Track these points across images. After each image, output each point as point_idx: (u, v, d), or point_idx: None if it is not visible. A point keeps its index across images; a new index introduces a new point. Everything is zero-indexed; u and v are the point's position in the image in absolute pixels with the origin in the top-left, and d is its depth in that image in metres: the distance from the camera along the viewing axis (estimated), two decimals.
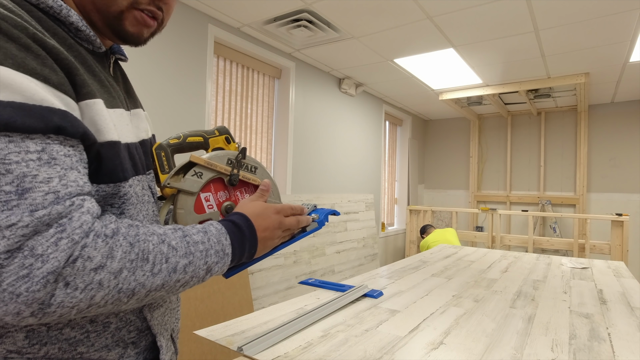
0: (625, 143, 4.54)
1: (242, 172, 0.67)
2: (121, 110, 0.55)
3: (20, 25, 0.40)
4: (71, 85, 0.44)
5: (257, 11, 2.50)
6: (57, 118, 0.40)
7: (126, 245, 0.42)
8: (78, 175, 0.42)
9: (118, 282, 0.41)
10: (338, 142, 3.93)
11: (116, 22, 0.53)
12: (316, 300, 1.24)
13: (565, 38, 2.79)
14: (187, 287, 0.50)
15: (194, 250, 0.49)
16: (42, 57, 0.41)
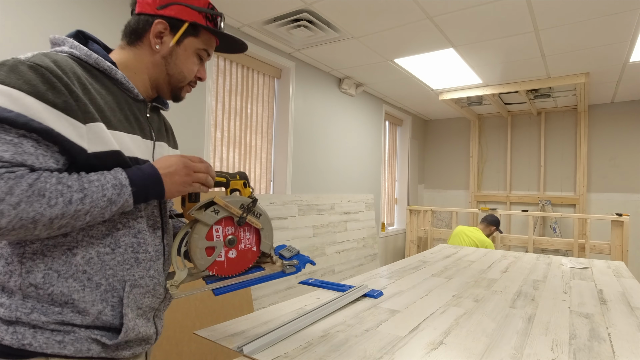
0: (625, 143, 4.54)
1: (249, 216, 0.85)
2: (137, 136, 0.75)
3: (56, 73, 0.62)
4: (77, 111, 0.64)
5: (257, 11, 2.50)
6: (35, 125, 0.59)
7: (25, 185, 0.56)
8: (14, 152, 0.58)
9: (18, 212, 0.55)
10: (338, 142, 3.93)
11: (178, 92, 0.85)
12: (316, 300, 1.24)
13: (565, 38, 2.79)
14: (95, 216, 0.64)
15: (87, 186, 0.62)
16: (61, 92, 0.62)
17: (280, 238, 2.88)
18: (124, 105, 0.75)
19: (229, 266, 0.86)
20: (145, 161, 0.76)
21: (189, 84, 0.85)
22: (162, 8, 0.76)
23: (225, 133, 2.83)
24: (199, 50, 0.82)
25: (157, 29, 0.77)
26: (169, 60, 0.80)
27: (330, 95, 3.81)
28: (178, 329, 1.87)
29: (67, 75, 0.64)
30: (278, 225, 2.89)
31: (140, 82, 0.80)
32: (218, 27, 0.83)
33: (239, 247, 0.86)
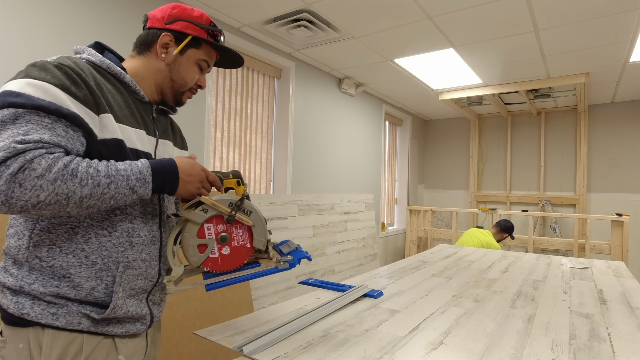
0: (625, 143, 4.54)
1: (238, 214, 0.85)
2: (141, 131, 0.84)
3: (76, 71, 0.74)
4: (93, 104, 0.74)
5: (257, 11, 2.50)
6: (64, 112, 0.69)
7: (61, 164, 0.65)
8: (50, 135, 0.67)
9: (55, 188, 0.64)
10: (338, 142, 3.93)
11: (179, 96, 0.95)
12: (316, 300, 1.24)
13: (565, 38, 2.79)
14: (118, 201, 0.72)
15: (115, 173, 0.71)
16: (81, 87, 0.73)
17: (280, 238, 2.88)
18: (131, 104, 0.85)
19: (223, 262, 0.87)
20: (147, 154, 0.85)
21: (189, 90, 0.95)
22: (169, 23, 0.88)
23: (225, 133, 2.83)
24: (200, 61, 0.93)
25: (163, 40, 0.88)
26: (172, 68, 0.91)
27: (330, 95, 3.81)
28: (178, 329, 1.87)
29: (85, 74, 0.75)
30: (278, 225, 2.89)
31: (147, 87, 0.91)
32: (217, 42, 0.94)
33: (232, 244, 0.87)
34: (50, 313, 0.73)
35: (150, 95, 0.92)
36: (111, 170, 0.71)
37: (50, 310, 0.73)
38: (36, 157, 0.63)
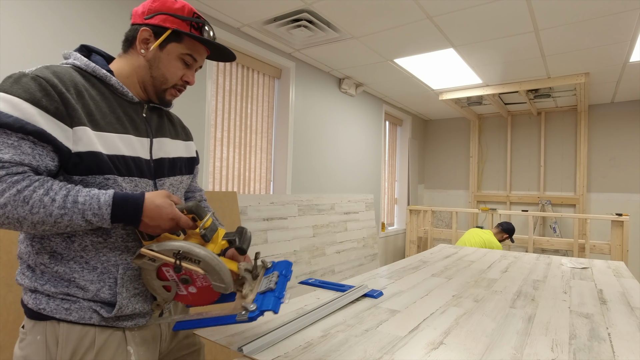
0: (625, 143, 4.54)
1: (184, 263, 0.77)
2: (129, 136, 0.83)
3: (52, 83, 0.72)
4: (66, 117, 0.73)
5: (257, 11, 2.50)
6: (31, 128, 0.68)
7: (14, 191, 0.66)
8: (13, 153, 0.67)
9: (5, 212, 0.66)
10: (338, 142, 3.93)
11: (162, 94, 0.91)
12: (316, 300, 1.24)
13: (565, 38, 2.79)
14: (75, 228, 0.72)
15: (70, 206, 0.69)
16: (53, 99, 0.72)
17: (280, 238, 2.88)
18: (118, 108, 0.83)
19: (195, 299, 0.84)
20: (135, 158, 0.83)
21: (174, 87, 0.90)
22: (148, 18, 0.85)
23: (225, 133, 2.83)
24: (183, 55, 0.88)
25: (142, 36, 0.86)
26: (152, 64, 0.87)
27: (330, 95, 3.81)
28: None
29: (63, 83, 0.74)
30: (278, 226, 2.89)
31: (132, 85, 0.89)
32: (202, 34, 0.88)
33: (197, 284, 0.82)
34: (64, 308, 0.77)
35: (137, 94, 0.90)
36: (67, 202, 0.69)
37: (64, 305, 0.78)
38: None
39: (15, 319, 1.49)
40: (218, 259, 0.78)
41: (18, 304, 1.51)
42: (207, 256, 0.77)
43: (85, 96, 0.77)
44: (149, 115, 0.91)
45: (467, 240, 3.53)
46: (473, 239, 3.49)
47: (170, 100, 0.93)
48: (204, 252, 0.77)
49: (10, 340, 1.47)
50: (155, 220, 0.75)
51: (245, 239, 0.83)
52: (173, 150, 0.95)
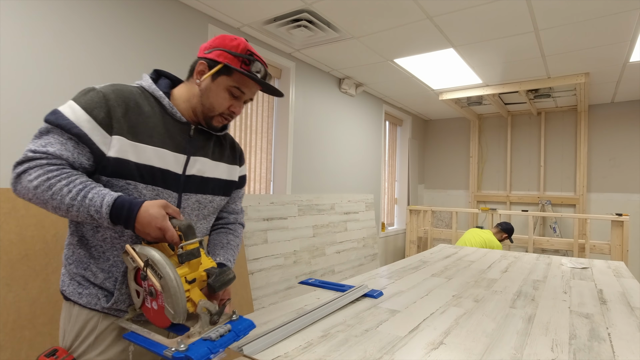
0: (625, 143, 4.54)
1: (150, 273, 0.78)
2: (165, 150, 0.93)
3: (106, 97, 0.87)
4: (110, 126, 0.86)
5: (257, 11, 2.50)
6: (77, 131, 0.83)
7: (45, 178, 0.79)
8: (58, 148, 0.82)
9: (35, 193, 0.80)
10: (338, 142, 3.93)
11: (209, 120, 1.00)
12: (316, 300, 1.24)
13: (565, 38, 2.79)
14: (84, 220, 0.82)
15: (80, 200, 0.79)
16: (102, 110, 0.86)
17: (280, 238, 2.88)
18: (164, 125, 0.95)
19: (154, 317, 0.82)
20: (164, 170, 0.93)
21: (220, 115, 0.99)
22: (208, 52, 0.96)
23: None
24: (231, 88, 0.96)
25: (199, 68, 0.97)
26: (203, 93, 0.97)
27: (330, 95, 3.81)
28: None
29: (116, 99, 0.88)
30: (278, 226, 2.89)
31: (186, 109, 0.99)
32: (251, 71, 0.95)
33: (158, 302, 0.80)
34: (77, 292, 0.91)
35: (189, 116, 1.00)
36: (79, 196, 0.79)
37: (78, 290, 0.91)
38: (36, 166, 0.80)
39: (16, 319, 1.49)
40: (180, 284, 0.76)
41: (18, 304, 1.51)
42: (168, 275, 0.75)
43: (134, 111, 0.90)
44: (195, 136, 1.00)
45: (467, 240, 3.53)
46: (473, 239, 3.49)
47: (217, 126, 1.01)
48: (168, 270, 0.75)
49: (10, 340, 1.47)
50: (144, 228, 0.80)
51: (220, 278, 0.82)
52: (209, 171, 1.03)
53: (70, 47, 1.89)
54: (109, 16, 2.04)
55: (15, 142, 1.70)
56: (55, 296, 1.61)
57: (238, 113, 1.00)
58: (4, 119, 1.67)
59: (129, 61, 2.13)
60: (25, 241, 1.55)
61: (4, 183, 1.66)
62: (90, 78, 1.96)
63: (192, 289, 0.80)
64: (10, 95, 1.70)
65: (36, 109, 1.77)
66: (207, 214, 1.06)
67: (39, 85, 1.79)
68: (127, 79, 2.10)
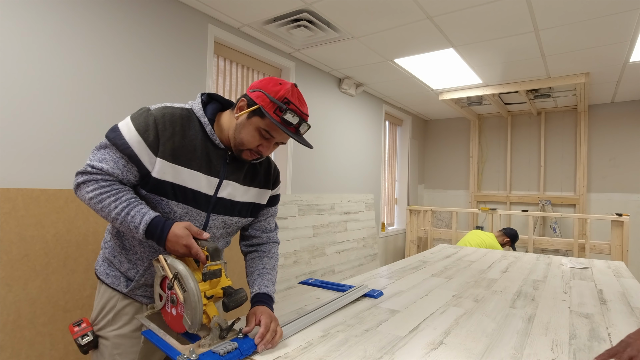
0: (625, 143, 4.54)
1: (176, 284, 0.86)
2: (199, 173, 1.00)
3: (157, 120, 0.96)
4: (157, 148, 0.95)
5: (257, 11, 2.50)
6: (129, 152, 0.94)
7: (98, 193, 0.93)
8: (111, 166, 0.94)
9: (90, 203, 0.94)
10: (338, 142, 3.93)
11: (239, 153, 1.04)
12: (316, 300, 1.24)
13: (565, 38, 2.79)
14: (126, 232, 0.96)
15: (123, 216, 0.92)
16: (152, 132, 0.95)
17: (280, 238, 2.88)
18: (202, 149, 1.01)
19: (172, 322, 0.91)
20: (195, 192, 1.00)
21: (249, 150, 1.03)
22: (252, 91, 1.01)
23: None
24: (261, 129, 1.00)
25: (240, 104, 1.02)
26: (237, 128, 1.02)
27: (330, 95, 3.81)
28: None
29: (164, 123, 0.96)
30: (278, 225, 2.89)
31: (225, 137, 1.05)
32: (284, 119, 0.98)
33: (178, 310, 0.88)
34: (105, 273, 1.08)
35: (227, 143, 1.06)
36: (123, 212, 0.91)
37: (106, 271, 1.08)
38: (92, 180, 0.93)
39: (15, 319, 1.49)
40: (200, 299, 0.84)
41: (18, 304, 1.51)
42: (192, 290, 0.84)
43: (179, 135, 0.98)
44: (231, 162, 1.06)
45: (467, 241, 3.54)
46: (473, 240, 3.49)
47: (246, 160, 1.05)
48: (192, 286, 0.84)
49: (10, 340, 1.47)
50: (173, 245, 0.90)
51: (234, 299, 0.88)
52: (239, 195, 1.09)
53: (70, 47, 1.89)
54: (109, 16, 2.04)
55: (15, 142, 1.70)
56: (55, 296, 1.61)
57: (266, 154, 1.05)
58: (4, 119, 1.67)
59: (129, 61, 2.13)
60: (25, 241, 1.55)
61: (4, 183, 1.66)
62: (90, 78, 1.96)
63: (209, 304, 0.87)
64: (11, 95, 1.70)
65: (36, 109, 1.77)
66: (230, 232, 1.15)
67: (39, 86, 1.79)
68: (126, 79, 2.10)
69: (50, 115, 1.81)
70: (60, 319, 1.61)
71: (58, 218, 1.65)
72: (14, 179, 1.69)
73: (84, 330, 1.04)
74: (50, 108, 1.82)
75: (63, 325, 1.62)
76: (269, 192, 1.18)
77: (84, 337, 1.04)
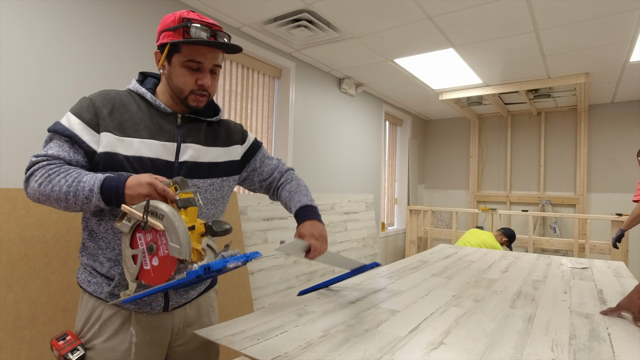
0: (625, 143, 4.54)
1: (150, 218, 0.81)
2: (153, 141, 0.96)
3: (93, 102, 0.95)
4: (97, 125, 0.93)
5: (257, 11, 2.50)
6: (69, 133, 0.92)
7: (46, 175, 0.87)
8: (56, 150, 0.91)
9: (40, 189, 0.87)
10: (338, 142, 3.93)
11: (185, 102, 1.00)
12: (316, 300, 1.24)
13: (565, 38, 2.79)
14: (82, 206, 0.87)
15: (75, 185, 0.86)
16: (90, 112, 0.93)
17: (280, 238, 2.88)
18: (149, 118, 0.98)
19: (155, 275, 0.85)
20: (154, 159, 0.95)
21: (192, 93, 0.99)
22: (157, 41, 0.98)
23: None
24: (185, 63, 0.96)
25: (156, 58, 1.00)
26: (168, 79, 0.99)
27: (330, 95, 3.81)
28: None
29: (102, 102, 0.94)
30: (278, 226, 2.89)
31: (167, 99, 1.02)
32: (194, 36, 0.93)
33: (159, 254, 0.83)
34: (87, 281, 0.98)
35: (172, 106, 1.03)
36: (74, 181, 0.86)
37: (88, 278, 0.98)
38: (39, 168, 0.88)
39: (16, 319, 1.49)
40: (180, 219, 0.79)
41: (18, 304, 1.51)
42: (169, 212, 0.79)
43: (120, 110, 0.95)
44: (184, 124, 1.03)
45: (467, 241, 3.54)
46: (473, 240, 3.49)
47: (195, 106, 1.01)
48: (167, 209, 0.79)
49: (10, 340, 1.47)
50: (134, 189, 0.84)
51: (218, 223, 0.84)
52: (203, 156, 1.04)
53: (70, 47, 1.89)
54: (108, 16, 2.04)
55: (15, 142, 1.70)
56: (55, 296, 1.61)
57: (208, 85, 0.99)
58: (4, 119, 1.67)
59: (129, 61, 2.13)
60: (25, 241, 1.55)
61: (4, 183, 1.66)
62: (90, 78, 1.96)
63: (192, 236, 0.81)
64: (11, 96, 1.70)
65: (36, 109, 1.77)
66: (214, 198, 1.07)
67: (39, 86, 1.79)
68: (126, 79, 2.10)
69: (50, 115, 1.81)
70: (60, 319, 1.61)
71: (58, 218, 1.65)
72: (14, 179, 1.69)
73: (72, 345, 0.95)
74: (51, 108, 1.82)
75: (63, 325, 1.62)
76: (238, 147, 1.14)
77: (74, 352, 0.94)
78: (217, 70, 1.02)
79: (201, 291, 1.11)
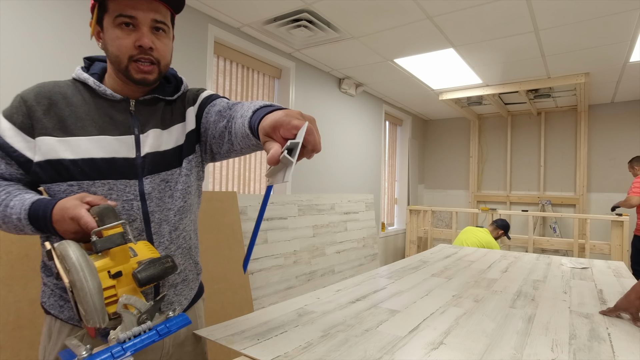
0: (625, 143, 4.54)
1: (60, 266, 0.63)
2: (104, 137, 0.80)
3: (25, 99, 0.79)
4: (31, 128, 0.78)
5: (257, 11, 2.50)
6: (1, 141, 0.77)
7: None
8: None
9: None
10: (338, 142, 3.93)
11: (128, 75, 0.81)
12: (316, 300, 1.24)
13: (565, 38, 2.79)
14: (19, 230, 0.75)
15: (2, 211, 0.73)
16: (21, 113, 0.78)
17: (280, 238, 2.88)
18: (97, 110, 0.82)
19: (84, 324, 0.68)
20: (109, 159, 0.79)
21: (134, 61, 0.79)
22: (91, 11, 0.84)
23: None
24: (115, 22, 0.78)
25: (91, 29, 0.84)
26: (105, 49, 0.82)
27: (330, 95, 3.80)
28: None
29: (35, 98, 0.79)
30: (278, 226, 2.89)
31: (115, 84, 0.85)
32: None
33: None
34: (58, 306, 0.81)
35: (122, 90, 0.85)
36: (1, 206, 0.74)
37: (59, 303, 0.81)
38: None
39: (15, 319, 1.49)
40: (88, 275, 0.58)
41: (18, 304, 1.51)
42: (74, 265, 0.58)
43: (60, 105, 0.79)
44: (139, 110, 0.85)
45: (463, 240, 3.54)
46: (469, 239, 3.49)
47: (142, 79, 0.81)
48: (74, 261, 0.58)
49: (10, 340, 1.47)
50: (60, 224, 0.70)
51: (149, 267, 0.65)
52: (165, 143, 0.86)
53: (70, 47, 1.89)
54: None
55: None
56: None
57: (148, 45, 0.79)
58: None
59: None
60: (25, 241, 1.55)
61: None
62: None
63: (118, 285, 0.63)
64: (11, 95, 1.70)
65: None
66: (182, 189, 0.88)
67: None
68: None
69: None
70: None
71: None
72: None
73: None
74: None
75: None
76: (191, 110, 0.92)
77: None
78: (163, 28, 0.82)
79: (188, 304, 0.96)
